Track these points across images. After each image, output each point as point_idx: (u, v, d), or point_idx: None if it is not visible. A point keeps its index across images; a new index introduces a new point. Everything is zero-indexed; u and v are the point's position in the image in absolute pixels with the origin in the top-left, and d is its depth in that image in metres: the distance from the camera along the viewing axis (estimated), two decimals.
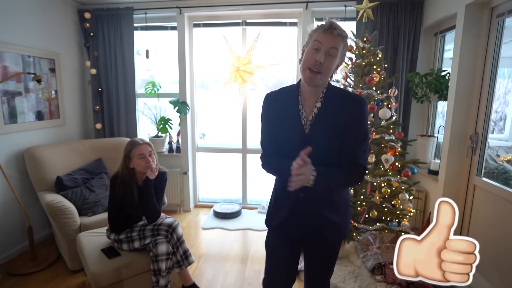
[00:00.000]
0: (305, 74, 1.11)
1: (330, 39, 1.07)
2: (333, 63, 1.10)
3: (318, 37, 1.08)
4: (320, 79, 1.10)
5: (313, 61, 1.07)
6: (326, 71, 1.09)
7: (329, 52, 1.07)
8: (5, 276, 2.25)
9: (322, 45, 1.07)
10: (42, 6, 2.78)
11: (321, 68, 1.07)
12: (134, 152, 1.79)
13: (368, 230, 2.45)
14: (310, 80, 1.10)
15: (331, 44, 1.07)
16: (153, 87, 3.29)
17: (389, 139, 2.38)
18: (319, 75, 1.08)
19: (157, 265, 1.74)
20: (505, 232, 1.91)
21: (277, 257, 1.32)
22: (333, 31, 1.07)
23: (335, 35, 1.07)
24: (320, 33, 1.08)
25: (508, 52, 2.13)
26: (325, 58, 1.07)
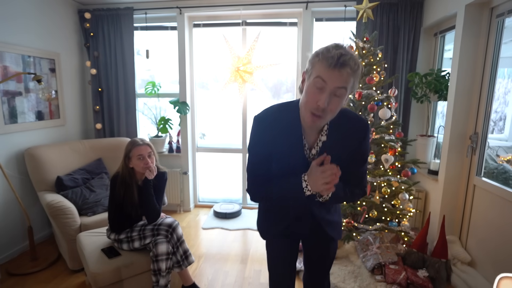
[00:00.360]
0: (306, 115, 0.96)
1: (338, 78, 0.86)
2: (340, 104, 0.93)
3: (322, 74, 0.87)
4: (324, 122, 0.98)
5: (315, 105, 0.90)
6: (330, 114, 0.93)
7: (335, 93, 0.89)
8: (5, 276, 2.25)
9: (327, 84, 0.88)
10: (42, 6, 2.78)
11: (325, 112, 0.91)
12: (134, 153, 1.80)
13: (368, 230, 2.46)
14: (312, 123, 0.95)
15: (339, 83, 0.87)
16: (153, 87, 3.29)
17: (389, 139, 2.38)
18: (323, 118, 0.94)
19: (157, 265, 1.74)
20: (505, 232, 1.91)
21: (279, 257, 1.31)
22: (341, 69, 0.85)
23: (344, 74, 0.86)
24: (325, 68, 0.87)
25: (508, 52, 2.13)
26: (330, 100, 0.90)
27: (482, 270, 2.11)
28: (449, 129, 2.30)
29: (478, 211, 2.19)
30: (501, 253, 1.94)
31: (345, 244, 2.46)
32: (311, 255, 1.35)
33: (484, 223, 2.11)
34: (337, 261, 2.37)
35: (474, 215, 2.24)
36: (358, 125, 1.06)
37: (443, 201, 2.38)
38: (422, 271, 2.14)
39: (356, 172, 1.13)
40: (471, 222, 2.27)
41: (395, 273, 2.10)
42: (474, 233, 2.22)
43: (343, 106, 0.99)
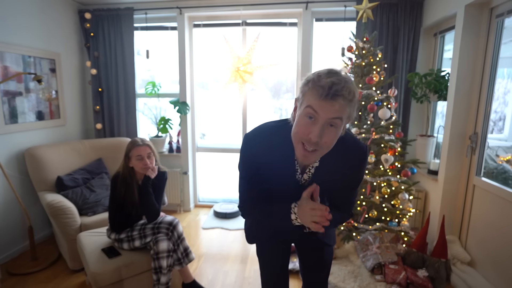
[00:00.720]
0: (297, 148, 0.87)
1: (330, 110, 0.78)
2: (336, 135, 0.83)
3: (313, 104, 0.79)
4: (318, 156, 0.87)
5: (306, 137, 0.82)
6: (325, 147, 0.84)
7: (330, 123, 0.80)
8: (6, 275, 2.25)
9: (319, 115, 0.79)
10: (43, 6, 2.78)
11: (319, 146, 0.83)
12: (133, 153, 1.81)
13: (367, 230, 2.46)
14: (304, 159, 0.87)
15: (332, 115, 0.78)
16: (153, 87, 3.29)
17: (389, 139, 2.38)
18: (316, 152, 0.85)
19: (158, 262, 1.74)
20: (505, 232, 1.91)
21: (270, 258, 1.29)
22: (334, 99, 0.76)
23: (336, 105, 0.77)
24: (316, 98, 0.78)
25: (507, 52, 2.13)
26: (324, 132, 0.81)
27: (481, 270, 2.11)
28: (448, 129, 2.30)
29: (477, 211, 2.19)
30: (500, 253, 1.94)
31: (345, 244, 2.46)
32: (306, 263, 1.32)
33: (484, 223, 2.11)
34: (337, 261, 2.37)
35: (473, 215, 2.24)
36: (356, 152, 0.98)
37: (443, 201, 2.39)
38: (422, 271, 2.14)
39: (347, 197, 1.10)
40: (470, 222, 2.27)
41: (395, 273, 2.11)
42: (474, 233, 2.23)
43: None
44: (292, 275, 2.21)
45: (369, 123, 2.45)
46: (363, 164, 1.01)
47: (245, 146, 1.01)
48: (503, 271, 1.92)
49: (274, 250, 1.27)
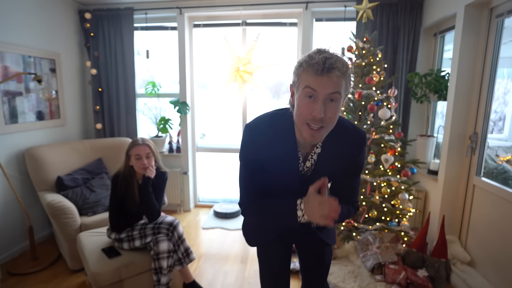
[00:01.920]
0: (303, 129, 0.87)
1: (328, 85, 0.80)
2: (338, 109, 0.85)
3: (310, 83, 0.81)
4: (325, 133, 0.89)
5: (310, 116, 0.83)
6: (331, 122, 0.86)
7: (330, 98, 0.82)
8: (6, 275, 2.25)
9: (318, 93, 0.81)
10: (43, 6, 2.78)
11: (324, 122, 0.84)
12: (132, 152, 1.81)
13: (368, 230, 2.46)
14: (311, 138, 0.87)
15: (330, 89, 0.81)
16: (153, 87, 3.29)
17: (389, 139, 2.39)
18: (323, 129, 0.86)
19: (158, 263, 1.75)
20: (505, 232, 1.91)
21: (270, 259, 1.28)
22: (329, 74, 0.79)
23: (333, 78, 0.80)
24: (312, 76, 0.81)
25: (507, 52, 2.13)
26: (326, 108, 0.83)
27: (481, 270, 2.11)
28: (448, 129, 2.30)
29: (477, 211, 2.19)
30: (500, 253, 1.94)
31: (345, 244, 2.46)
32: (306, 263, 1.32)
33: (484, 223, 2.12)
34: (337, 261, 2.37)
35: (473, 215, 2.24)
36: (355, 136, 1.00)
37: (443, 201, 2.39)
38: (422, 271, 2.14)
39: (349, 185, 1.08)
40: (470, 222, 2.27)
41: (395, 273, 2.11)
42: (474, 233, 2.23)
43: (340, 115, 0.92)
44: (292, 275, 2.21)
45: (369, 123, 2.45)
46: (363, 148, 1.02)
47: (246, 136, 0.99)
48: (503, 271, 1.92)
49: (275, 252, 1.26)
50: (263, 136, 0.97)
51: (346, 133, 0.98)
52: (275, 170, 1.00)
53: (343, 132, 0.97)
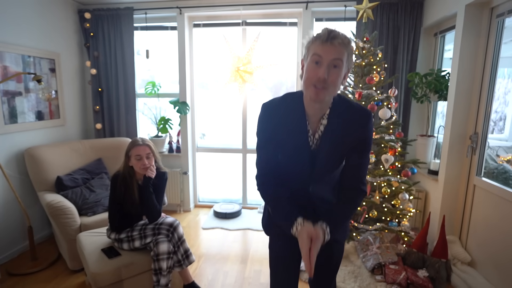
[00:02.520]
0: (309, 91, 1.00)
1: (332, 51, 0.95)
2: (339, 75, 0.98)
3: (317, 50, 0.96)
4: (327, 95, 1.00)
5: (316, 78, 0.96)
6: (332, 85, 0.98)
7: (333, 64, 0.96)
8: (5, 276, 2.25)
9: (323, 58, 0.95)
10: (42, 6, 2.78)
11: (326, 84, 0.96)
12: (132, 152, 1.81)
13: (368, 230, 2.46)
14: (316, 97, 0.99)
15: (334, 55, 0.95)
16: (153, 87, 3.29)
17: (389, 139, 2.38)
18: (326, 91, 0.98)
19: (158, 264, 1.74)
20: (505, 232, 1.91)
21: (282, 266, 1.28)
22: (333, 41, 0.94)
23: (336, 46, 0.94)
24: (319, 45, 0.96)
25: (508, 52, 2.13)
26: (329, 72, 0.96)
27: (482, 270, 2.11)
28: (449, 129, 2.30)
29: (478, 211, 2.19)
30: (501, 253, 1.94)
31: (345, 244, 2.46)
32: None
33: (484, 223, 2.11)
34: None
35: (474, 215, 2.24)
36: (360, 112, 1.09)
37: (443, 201, 2.38)
38: (422, 271, 2.14)
39: (357, 165, 1.11)
40: (471, 222, 2.27)
41: (395, 273, 2.10)
42: (474, 233, 2.22)
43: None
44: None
45: None
46: (368, 124, 1.08)
47: (262, 113, 1.13)
48: (504, 272, 1.92)
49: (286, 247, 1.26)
50: (276, 111, 1.10)
51: (351, 109, 1.09)
52: (288, 145, 1.10)
53: (349, 107, 1.09)
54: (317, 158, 1.09)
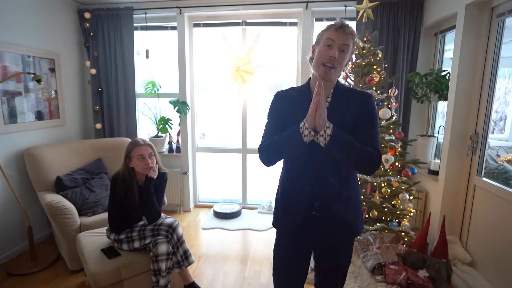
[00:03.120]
0: (319, 69, 1.15)
1: (343, 37, 1.12)
2: (345, 59, 1.15)
3: (331, 35, 1.13)
4: (334, 74, 1.14)
5: (327, 57, 1.12)
6: (339, 66, 1.14)
7: (342, 48, 1.13)
8: (5, 276, 2.25)
9: (335, 42, 1.12)
10: (42, 6, 2.78)
11: (335, 62, 1.12)
12: (134, 153, 1.80)
13: (368, 230, 2.46)
14: (325, 75, 1.14)
15: (344, 41, 1.12)
16: (153, 87, 3.29)
17: (389, 139, 2.38)
18: (333, 69, 1.13)
19: (157, 265, 1.74)
20: (505, 232, 1.90)
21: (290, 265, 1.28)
22: (345, 29, 1.13)
23: (347, 33, 1.13)
24: (333, 31, 1.14)
25: (508, 52, 2.13)
26: (338, 54, 1.12)
27: (482, 270, 2.11)
28: (449, 129, 2.30)
29: (478, 211, 2.19)
30: (501, 253, 1.94)
31: None
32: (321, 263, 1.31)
33: (485, 223, 2.11)
34: None
35: (474, 215, 2.23)
36: (360, 92, 1.21)
37: (444, 201, 2.38)
38: (423, 271, 2.14)
39: (367, 132, 1.16)
40: (471, 222, 2.26)
41: (395, 273, 2.10)
42: (475, 233, 2.22)
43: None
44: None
45: None
46: (369, 99, 1.19)
47: (273, 99, 1.29)
48: (504, 272, 1.92)
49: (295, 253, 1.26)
50: (287, 95, 1.26)
51: (352, 91, 1.23)
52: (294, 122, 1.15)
53: (350, 90, 1.23)
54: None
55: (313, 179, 1.16)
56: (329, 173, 1.16)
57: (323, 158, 1.14)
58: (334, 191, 1.16)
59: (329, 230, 1.20)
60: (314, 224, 1.19)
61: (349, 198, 1.19)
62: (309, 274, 2.20)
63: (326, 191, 1.16)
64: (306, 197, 1.17)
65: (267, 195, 3.61)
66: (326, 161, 1.15)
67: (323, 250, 1.27)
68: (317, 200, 1.17)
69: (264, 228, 3.07)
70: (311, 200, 1.17)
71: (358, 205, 1.25)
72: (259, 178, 3.66)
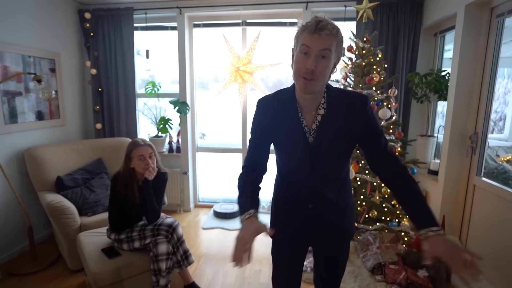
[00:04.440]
0: (298, 82, 1.00)
1: (320, 42, 0.93)
2: (328, 66, 0.97)
3: (305, 41, 0.95)
4: (317, 86, 0.98)
5: (304, 69, 0.95)
6: (321, 76, 0.96)
7: (321, 54, 0.94)
8: (5, 276, 2.25)
9: (311, 49, 0.94)
10: (42, 6, 2.78)
11: (314, 75, 0.95)
12: (134, 153, 1.80)
13: (368, 230, 2.46)
14: (305, 88, 0.98)
15: (322, 46, 0.93)
16: (153, 87, 3.29)
17: (389, 139, 2.38)
18: (314, 81, 0.97)
19: (157, 265, 1.74)
20: (505, 232, 1.91)
21: (285, 267, 1.28)
22: (321, 33, 0.92)
23: (324, 36, 0.93)
24: (307, 36, 0.95)
25: (508, 52, 2.13)
26: (318, 63, 0.95)
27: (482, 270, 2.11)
28: (449, 129, 2.30)
29: (478, 211, 2.19)
30: (501, 253, 1.94)
31: None
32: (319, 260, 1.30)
33: (484, 223, 2.11)
34: None
35: (474, 215, 2.24)
36: (356, 96, 1.08)
37: (443, 201, 2.38)
38: (422, 271, 2.14)
39: (382, 148, 1.07)
40: (471, 222, 2.27)
41: (395, 273, 2.11)
42: (474, 233, 2.22)
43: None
44: None
45: None
46: (366, 105, 1.06)
47: (257, 108, 1.15)
48: (503, 271, 1.92)
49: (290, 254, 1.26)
50: (271, 107, 1.11)
51: (347, 96, 1.08)
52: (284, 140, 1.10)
53: (345, 95, 1.08)
54: (317, 152, 1.05)
55: (306, 192, 1.12)
56: (323, 185, 1.12)
57: (316, 172, 1.09)
58: (331, 203, 1.13)
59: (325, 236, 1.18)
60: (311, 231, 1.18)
61: (345, 207, 1.17)
62: (309, 274, 2.20)
63: (322, 204, 1.13)
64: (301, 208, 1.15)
65: (267, 195, 3.61)
66: (320, 175, 1.09)
67: (321, 249, 1.27)
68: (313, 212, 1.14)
69: None
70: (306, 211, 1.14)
71: (353, 211, 1.24)
72: None
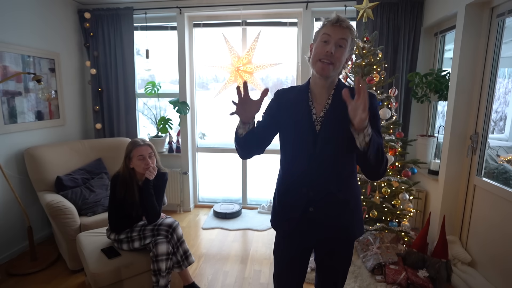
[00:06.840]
0: (316, 66, 1.10)
1: (339, 31, 1.07)
2: (344, 54, 1.09)
3: (327, 30, 1.08)
4: (332, 70, 1.09)
5: (324, 53, 1.07)
6: (337, 62, 1.08)
7: (339, 43, 1.07)
8: (5, 276, 2.25)
9: (331, 37, 1.07)
10: (42, 6, 2.78)
11: (332, 58, 1.07)
12: (134, 153, 1.80)
13: (368, 230, 2.46)
14: (322, 71, 1.09)
15: (340, 35, 1.07)
16: (153, 87, 3.29)
17: (389, 139, 2.38)
18: (331, 65, 1.08)
19: (157, 265, 1.74)
20: (505, 232, 1.90)
21: (288, 267, 1.28)
22: (341, 24, 1.08)
23: (344, 27, 1.07)
24: (329, 26, 1.09)
25: (508, 52, 2.13)
26: (336, 49, 1.07)
27: (482, 270, 2.11)
28: (449, 129, 2.30)
29: (478, 211, 2.19)
30: (501, 253, 1.94)
31: None
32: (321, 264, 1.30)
33: (485, 223, 2.11)
34: None
35: (474, 215, 2.23)
36: None
37: (443, 201, 2.38)
38: (423, 271, 2.14)
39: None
40: (471, 222, 2.26)
41: (395, 273, 2.10)
42: (475, 233, 2.22)
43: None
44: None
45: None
46: (373, 101, 1.11)
47: (273, 96, 1.27)
48: (504, 272, 1.92)
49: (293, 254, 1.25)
50: (285, 94, 1.24)
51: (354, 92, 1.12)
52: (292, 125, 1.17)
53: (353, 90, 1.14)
54: (323, 137, 1.12)
55: (308, 182, 1.14)
56: (325, 177, 1.13)
57: (319, 162, 1.12)
58: (329, 195, 1.14)
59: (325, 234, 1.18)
60: (311, 227, 1.17)
61: (346, 202, 1.16)
62: (309, 274, 2.20)
63: (321, 195, 1.14)
64: (302, 200, 1.15)
65: (267, 195, 3.61)
66: (323, 165, 1.12)
67: (323, 252, 1.26)
68: (312, 204, 1.15)
69: (264, 228, 3.07)
70: (306, 203, 1.15)
71: (357, 209, 1.21)
72: (259, 178, 3.66)
